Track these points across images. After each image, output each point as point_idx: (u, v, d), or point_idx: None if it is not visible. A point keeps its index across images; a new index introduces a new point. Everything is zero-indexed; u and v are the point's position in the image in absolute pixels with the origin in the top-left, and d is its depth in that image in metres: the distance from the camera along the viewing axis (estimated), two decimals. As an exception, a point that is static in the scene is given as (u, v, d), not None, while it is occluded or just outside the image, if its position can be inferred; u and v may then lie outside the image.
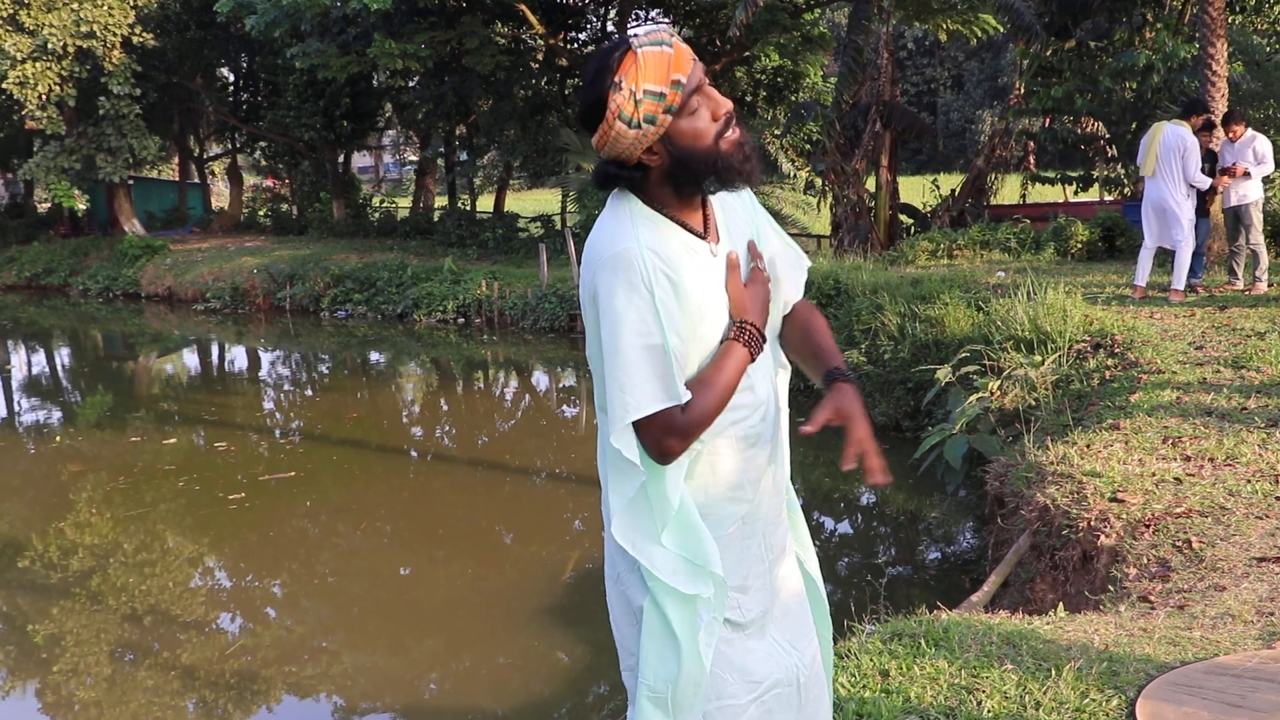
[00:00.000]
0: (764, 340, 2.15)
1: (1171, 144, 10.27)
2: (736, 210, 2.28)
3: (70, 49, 26.37)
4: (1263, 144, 10.57)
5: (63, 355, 21.32)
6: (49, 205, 34.61)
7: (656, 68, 2.01)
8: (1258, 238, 10.66)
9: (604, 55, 2.06)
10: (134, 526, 9.25)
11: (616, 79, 2.01)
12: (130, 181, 32.05)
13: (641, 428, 2.02)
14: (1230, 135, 10.82)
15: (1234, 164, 10.67)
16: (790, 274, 2.33)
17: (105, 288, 28.68)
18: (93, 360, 20.45)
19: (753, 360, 2.14)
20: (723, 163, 2.09)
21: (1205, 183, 10.35)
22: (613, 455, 2.08)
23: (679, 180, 2.10)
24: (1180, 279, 10.52)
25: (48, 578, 8.11)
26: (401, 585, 8.03)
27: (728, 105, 2.10)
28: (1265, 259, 10.76)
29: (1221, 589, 4.28)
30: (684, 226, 2.13)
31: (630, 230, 2.06)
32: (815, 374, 2.26)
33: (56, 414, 15.20)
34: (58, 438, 13.07)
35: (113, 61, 27.01)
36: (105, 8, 26.41)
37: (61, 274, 30.50)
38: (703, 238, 2.15)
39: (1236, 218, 10.79)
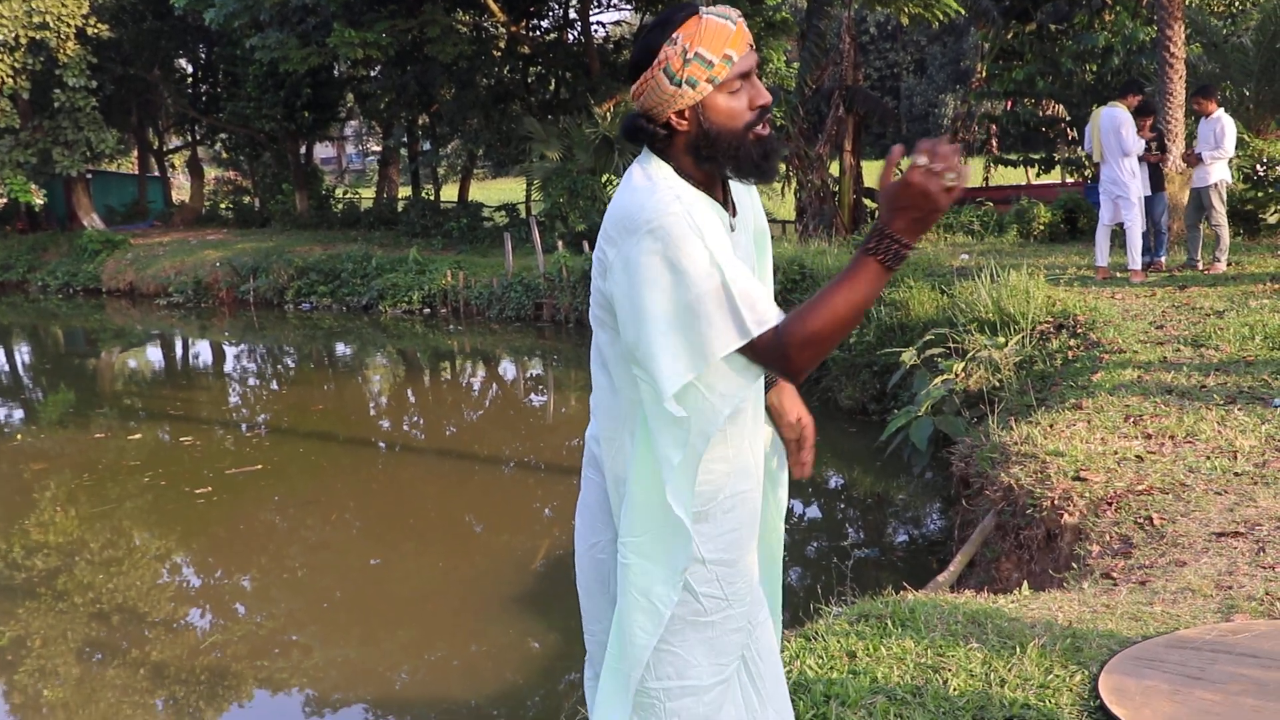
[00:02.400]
0: (904, 249, 1.97)
1: (1107, 125, 10.46)
2: (746, 193, 2.35)
3: (23, 40, 26.07)
4: (1225, 126, 10.68)
5: (23, 352, 21.10)
6: (4, 200, 34.20)
7: (714, 36, 2.04)
8: (1219, 219, 10.79)
9: (669, 13, 2.09)
10: (99, 524, 9.18)
11: (675, 35, 2.05)
12: (89, 175, 31.73)
13: (760, 350, 1.99)
14: (1198, 109, 10.99)
15: (1188, 150, 10.85)
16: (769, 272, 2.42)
17: (65, 283, 28.38)
18: (54, 357, 20.26)
19: (889, 274, 1.99)
20: (744, 152, 2.12)
21: (1139, 147, 10.50)
22: (665, 417, 2.04)
23: (700, 154, 2.12)
24: (1135, 259, 10.65)
25: (11, 578, 8.04)
26: (372, 577, 8.02)
27: (767, 98, 2.14)
28: (1225, 240, 10.88)
29: (1182, 564, 4.34)
30: (710, 196, 2.16)
31: (669, 192, 2.05)
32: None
33: (18, 412, 15.05)
34: (19, 436, 12.95)
35: (67, 53, 26.69)
36: (58, -2, 26.13)
37: (20, 270, 30.14)
38: (724, 209, 2.20)
39: (1198, 199, 10.93)
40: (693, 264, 1.97)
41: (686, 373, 1.98)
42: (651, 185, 2.07)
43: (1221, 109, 10.92)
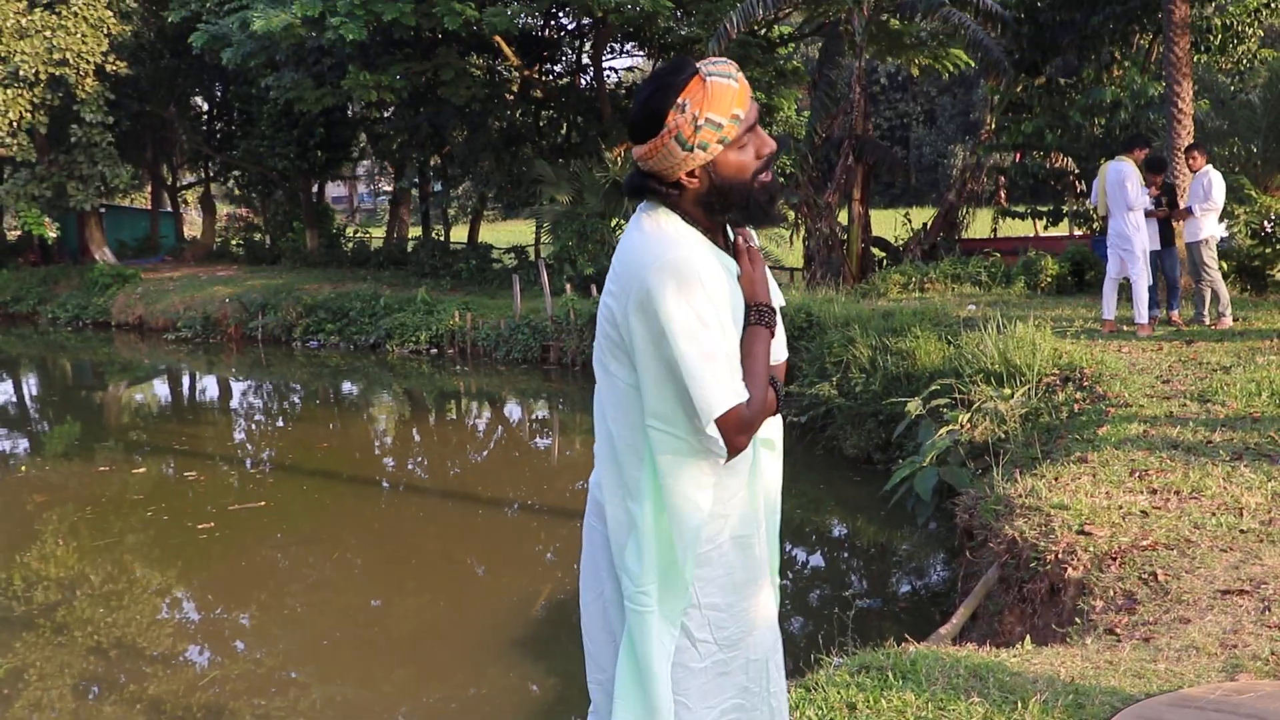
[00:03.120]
0: (775, 316, 2.25)
1: (1113, 179, 10.49)
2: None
3: (43, 76, 26.32)
4: (1211, 180, 10.68)
5: (30, 384, 21.15)
6: (18, 233, 34.41)
7: (722, 99, 2.09)
8: (1209, 275, 10.76)
9: (668, 73, 2.13)
10: (101, 557, 9.17)
11: (681, 100, 2.09)
12: (102, 209, 31.91)
13: (720, 426, 2.07)
14: (1189, 164, 11.04)
15: (1173, 208, 10.90)
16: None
17: (75, 316, 28.49)
18: (61, 389, 20.29)
19: (772, 337, 2.23)
20: (753, 200, 2.18)
21: (1144, 203, 10.51)
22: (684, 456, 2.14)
23: (710, 207, 2.18)
24: (1141, 312, 10.64)
25: (11, 610, 8.02)
26: (372, 616, 7.99)
27: (772, 146, 2.20)
28: (1223, 295, 10.84)
29: (1186, 621, 4.32)
30: (715, 244, 2.21)
31: (677, 239, 2.12)
32: None
33: (23, 443, 15.07)
34: (24, 468, 12.95)
35: (85, 89, 26.94)
36: (79, 35, 26.40)
37: (30, 302, 30.28)
38: (727, 253, 2.25)
39: (1190, 255, 10.96)
40: (688, 321, 2.06)
41: (734, 398, 2.07)
42: (659, 232, 2.13)
43: (1210, 164, 10.93)
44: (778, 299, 2.35)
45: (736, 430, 2.07)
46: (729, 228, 2.29)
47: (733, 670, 2.24)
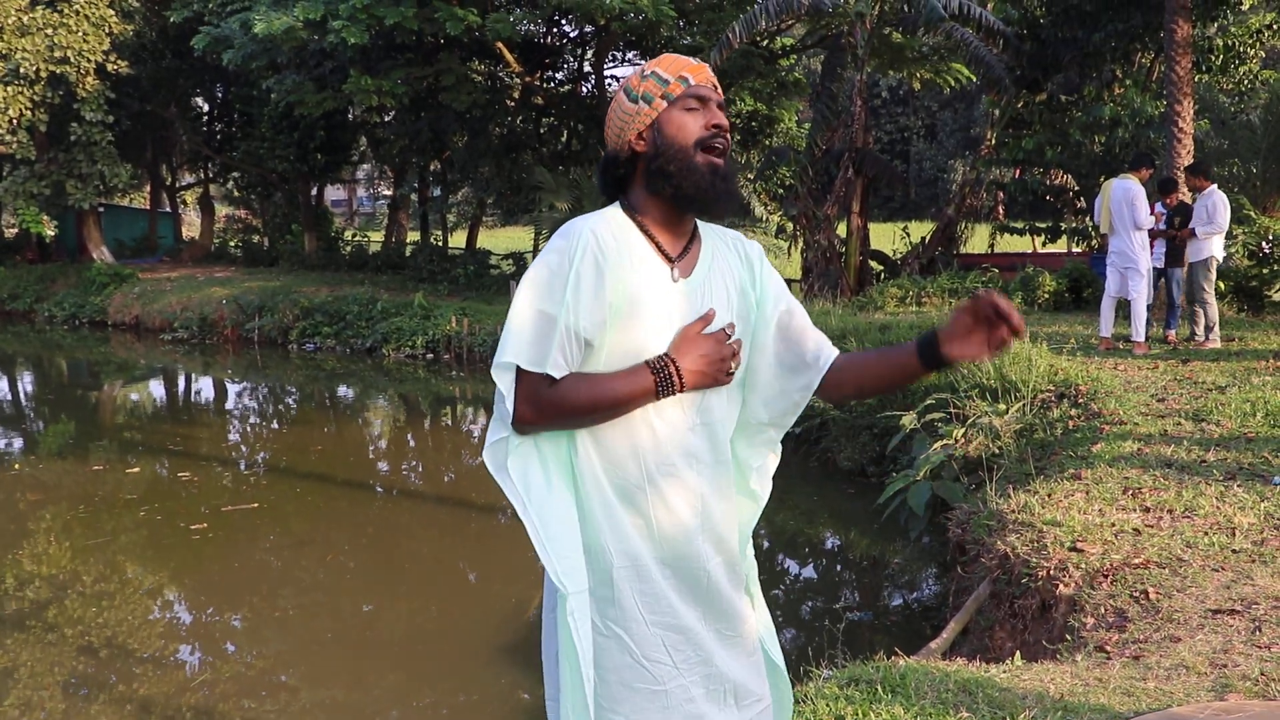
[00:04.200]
0: (678, 386, 2.08)
1: (1119, 197, 10.48)
2: (730, 266, 2.26)
3: (43, 74, 26.32)
4: (1214, 202, 10.68)
5: (26, 382, 21.12)
6: (16, 230, 34.39)
7: (673, 62, 2.16)
8: (1202, 296, 10.74)
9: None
10: (93, 557, 9.16)
11: (642, 69, 2.18)
12: (100, 208, 31.90)
13: (516, 383, 2.06)
14: (1192, 186, 11.04)
15: (1185, 227, 10.90)
16: (810, 328, 2.34)
17: (71, 315, 28.47)
18: (56, 388, 20.27)
19: (657, 397, 2.08)
20: (693, 172, 2.11)
21: (1150, 223, 10.52)
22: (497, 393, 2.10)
23: (651, 179, 2.14)
24: (1140, 331, 10.66)
25: (2, 609, 8.01)
26: (364, 620, 7.98)
27: (723, 123, 2.16)
28: (1210, 316, 10.79)
29: (1177, 640, 4.32)
30: (651, 240, 2.15)
31: (591, 218, 2.12)
32: (904, 361, 2.18)
33: (17, 442, 15.04)
34: (17, 465, 12.93)
35: (86, 88, 26.94)
36: (80, 34, 26.40)
37: (27, 300, 30.25)
38: (669, 260, 2.15)
39: (1190, 274, 10.97)
40: (538, 276, 2.07)
41: (522, 359, 2.04)
42: (577, 218, 2.14)
43: (1214, 185, 10.94)
44: (820, 338, 2.31)
45: (523, 396, 2.05)
46: (697, 239, 2.23)
47: (695, 697, 2.15)
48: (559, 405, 2.04)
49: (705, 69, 2.17)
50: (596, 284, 2.05)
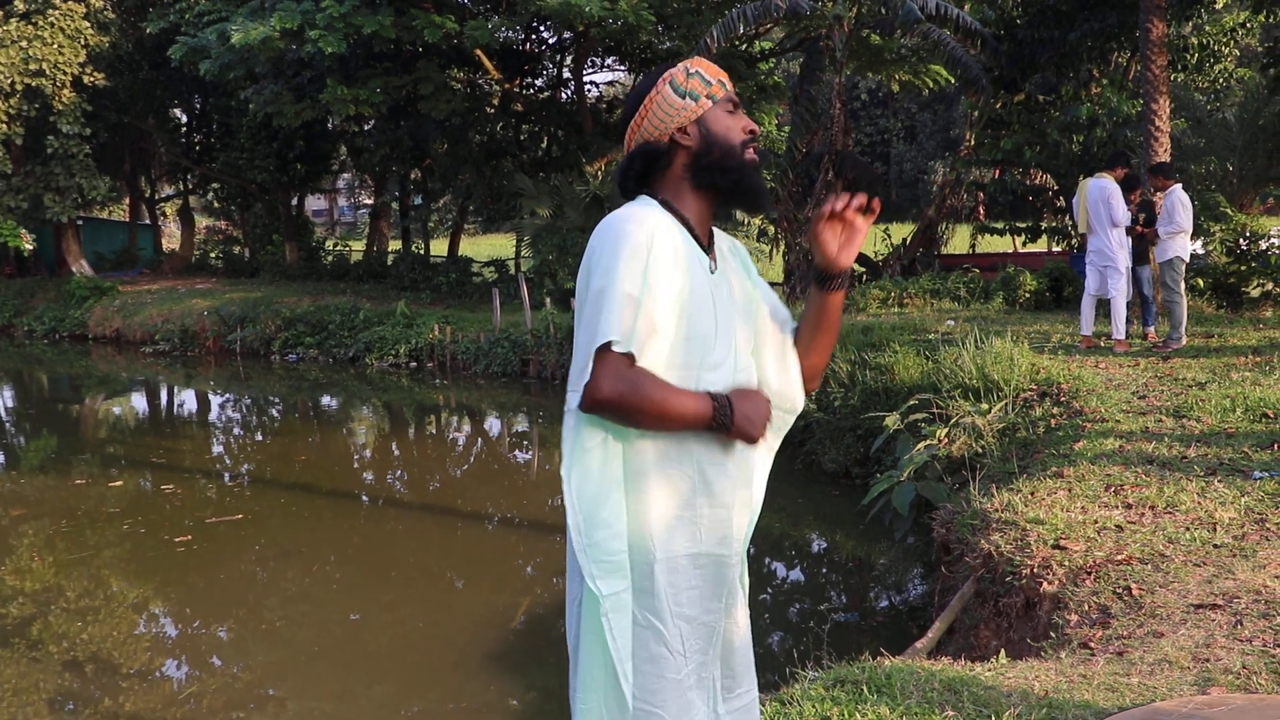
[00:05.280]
0: (728, 428, 2.17)
1: (1095, 196, 10.54)
2: (731, 261, 2.38)
3: (18, 86, 26.19)
4: (1172, 202, 10.61)
5: (6, 397, 21.00)
6: (-6, 245, 34.24)
7: (709, 66, 2.28)
8: (1170, 295, 10.68)
9: (658, 69, 2.29)
10: (77, 571, 9.11)
11: (673, 67, 2.25)
12: (79, 221, 31.77)
13: (597, 359, 2.07)
14: (1155, 185, 11.07)
15: (1149, 225, 10.93)
16: (782, 311, 2.44)
17: (51, 329, 28.33)
18: (37, 402, 20.17)
19: (709, 429, 2.16)
20: (747, 170, 2.25)
21: (1127, 220, 10.56)
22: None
23: (703, 173, 2.24)
24: (1120, 328, 10.71)
25: (-13, 623, 7.96)
26: (351, 630, 7.96)
27: (755, 127, 2.29)
28: (1180, 315, 10.66)
29: (1160, 635, 4.35)
30: (692, 233, 2.24)
31: (651, 211, 2.17)
32: (811, 296, 2.41)
33: (-1, 456, 14.97)
34: None
35: (62, 100, 26.83)
36: (55, 46, 26.29)
37: (6, 314, 30.07)
38: (707, 251, 2.27)
39: (1161, 272, 10.98)
40: (625, 258, 2.07)
41: (622, 339, 2.05)
42: (629, 209, 2.18)
43: (1177, 185, 10.86)
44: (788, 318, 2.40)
45: (603, 373, 2.07)
46: (713, 232, 2.32)
47: (692, 685, 2.23)
48: (634, 393, 2.08)
49: (727, 78, 2.30)
50: (671, 272, 2.12)
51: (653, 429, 2.14)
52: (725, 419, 2.16)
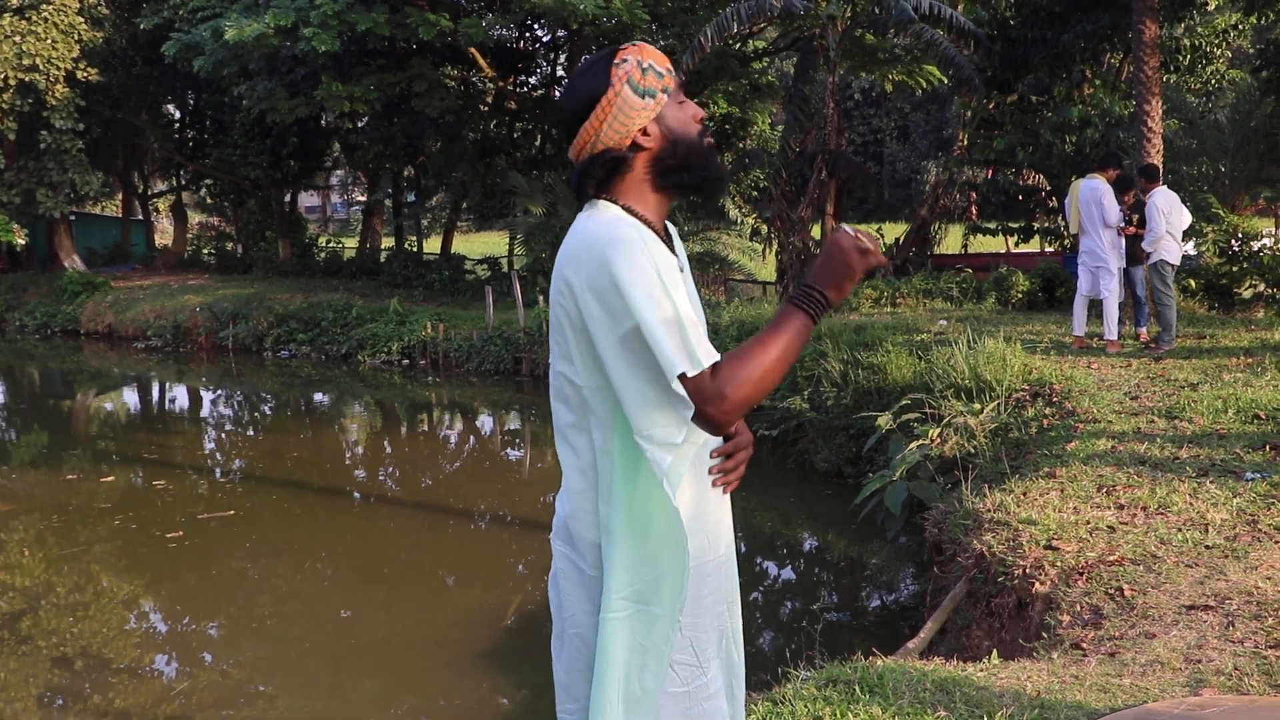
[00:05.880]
0: (828, 309, 2.07)
1: (1087, 197, 10.55)
2: (683, 256, 2.31)
3: (12, 82, 26.11)
4: (1150, 208, 10.55)
5: (-2, 392, 20.96)
6: (-13, 239, 34.15)
7: (654, 53, 2.13)
8: (1160, 299, 10.64)
9: (591, 59, 2.15)
10: (67, 567, 9.09)
11: (619, 59, 2.11)
12: (72, 217, 31.70)
13: (689, 391, 1.95)
14: (1144, 189, 11.07)
15: (1142, 225, 10.90)
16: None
17: (43, 324, 28.25)
18: (29, 397, 20.11)
19: (815, 325, 2.07)
20: (712, 163, 2.16)
21: (1120, 220, 10.56)
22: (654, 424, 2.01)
23: (667, 171, 2.14)
24: (1111, 329, 10.72)
25: (-23, 619, 7.94)
26: (342, 627, 7.95)
27: (703, 113, 2.20)
28: (1165, 319, 10.62)
29: (1152, 636, 4.36)
30: (657, 234, 2.14)
31: (622, 220, 2.06)
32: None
33: (-10, 452, 14.93)
34: (-9, 476, 12.84)
35: (56, 96, 26.75)
36: (49, 41, 26.20)
37: (-2, 309, 30.03)
38: (671, 250, 2.18)
39: (1151, 274, 10.94)
40: (646, 286, 1.96)
41: (693, 363, 1.94)
42: (603, 216, 2.08)
43: (1159, 187, 10.76)
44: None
45: (701, 399, 1.94)
46: (668, 227, 2.23)
47: (715, 694, 2.20)
48: (743, 383, 1.96)
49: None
50: (670, 280, 2.01)
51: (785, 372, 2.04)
52: (820, 307, 2.06)
